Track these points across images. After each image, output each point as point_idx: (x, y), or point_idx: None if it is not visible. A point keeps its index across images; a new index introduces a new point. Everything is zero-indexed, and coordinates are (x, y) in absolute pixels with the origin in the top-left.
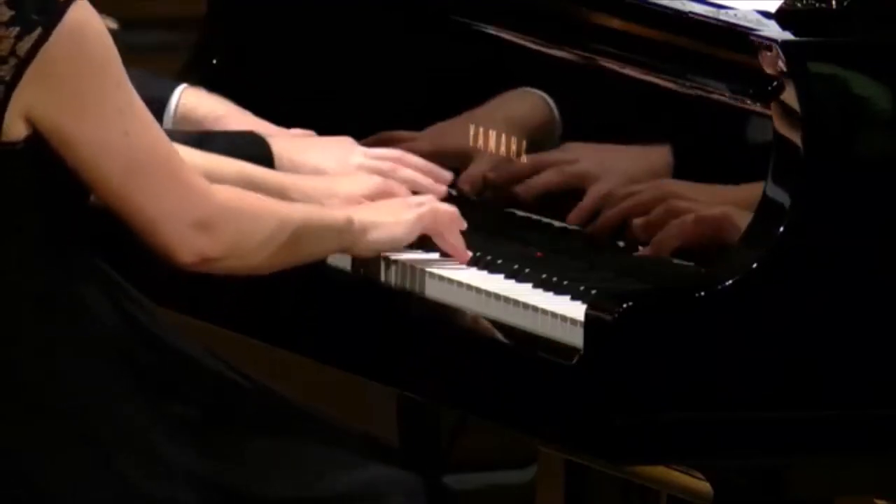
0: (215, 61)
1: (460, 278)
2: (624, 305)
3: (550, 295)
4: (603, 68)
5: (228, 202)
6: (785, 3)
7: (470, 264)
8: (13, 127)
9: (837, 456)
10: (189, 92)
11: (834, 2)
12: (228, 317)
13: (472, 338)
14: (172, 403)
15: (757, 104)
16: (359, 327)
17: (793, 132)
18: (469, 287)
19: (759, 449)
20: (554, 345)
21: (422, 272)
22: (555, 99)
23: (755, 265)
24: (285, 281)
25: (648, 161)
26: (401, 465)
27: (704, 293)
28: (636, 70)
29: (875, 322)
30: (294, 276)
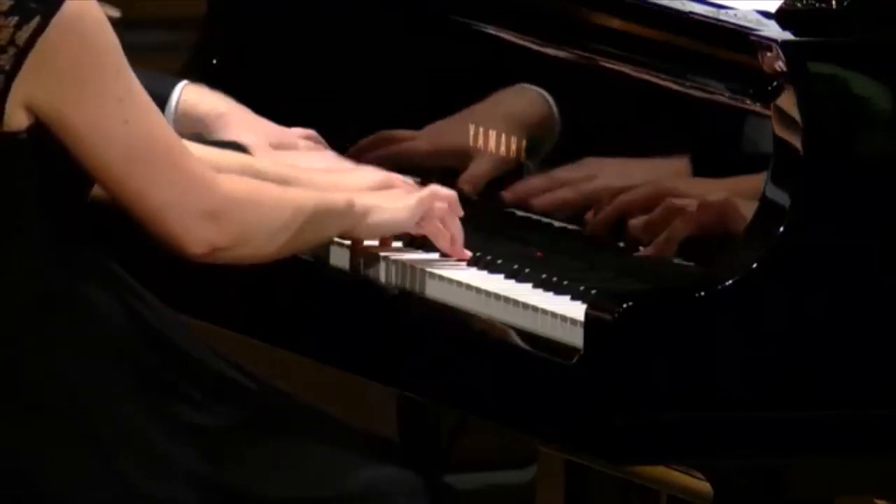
0: (215, 61)
1: (460, 278)
2: (624, 305)
3: (550, 295)
4: (603, 69)
5: (235, 192)
6: (785, 3)
7: (470, 264)
8: (14, 116)
9: (837, 456)
10: (190, 89)
11: (834, 2)
12: (228, 317)
13: (472, 338)
14: (173, 403)
15: (757, 104)
16: (359, 327)
17: (793, 132)
18: (469, 287)
19: (759, 449)
20: (554, 345)
21: (422, 272)
22: (554, 98)
23: (755, 265)
24: (285, 281)
25: (649, 162)
26: (402, 465)
27: (704, 293)
28: (636, 70)
29: (875, 322)
30: (294, 276)
